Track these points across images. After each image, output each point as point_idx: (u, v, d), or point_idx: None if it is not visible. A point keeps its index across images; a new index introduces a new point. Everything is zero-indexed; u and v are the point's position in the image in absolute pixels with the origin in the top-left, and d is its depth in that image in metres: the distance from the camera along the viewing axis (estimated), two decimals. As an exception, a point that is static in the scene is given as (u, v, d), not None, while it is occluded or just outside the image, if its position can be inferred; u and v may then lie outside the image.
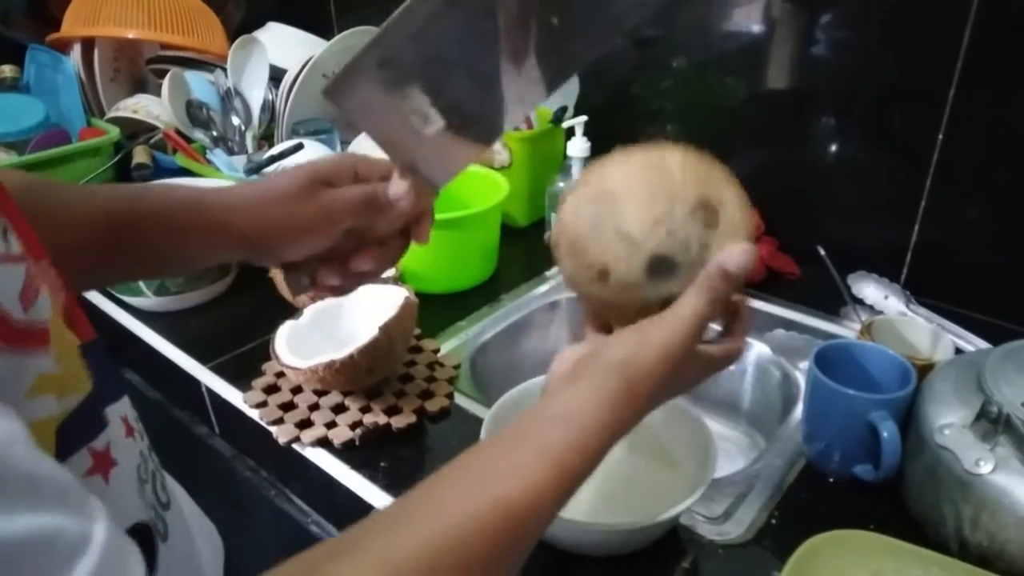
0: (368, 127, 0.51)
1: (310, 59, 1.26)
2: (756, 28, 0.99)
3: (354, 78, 0.47)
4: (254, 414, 0.76)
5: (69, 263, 0.46)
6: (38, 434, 0.33)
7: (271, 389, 0.79)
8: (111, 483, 0.39)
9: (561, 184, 1.08)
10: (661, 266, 0.45)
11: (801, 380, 0.83)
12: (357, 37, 1.29)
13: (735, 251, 0.45)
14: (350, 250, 0.55)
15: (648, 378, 0.44)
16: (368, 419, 0.73)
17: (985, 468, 0.56)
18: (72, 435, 0.36)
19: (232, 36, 1.39)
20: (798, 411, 0.76)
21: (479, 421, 0.65)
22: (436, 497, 0.39)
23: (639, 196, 0.45)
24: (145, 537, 0.43)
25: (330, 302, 0.84)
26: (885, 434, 0.61)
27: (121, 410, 0.45)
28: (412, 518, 0.37)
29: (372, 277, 0.58)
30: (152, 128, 1.34)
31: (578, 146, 1.04)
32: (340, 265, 0.56)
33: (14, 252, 0.34)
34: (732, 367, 0.52)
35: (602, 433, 0.42)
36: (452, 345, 0.89)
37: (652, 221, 0.45)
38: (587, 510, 0.65)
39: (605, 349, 0.46)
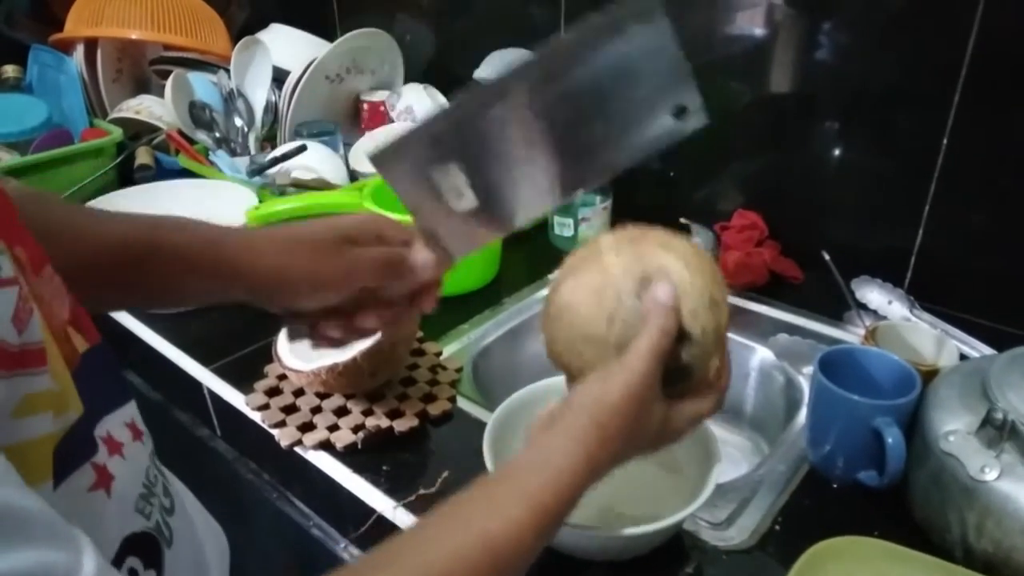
0: (404, 192, 0.53)
1: (313, 60, 1.26)
2: (759, 32, 0.99)
3: (403, 149, 0.51)
4: (256, 417, 0.76)
5: (75, 284, 0.46)
6: (33, 454, 0.33)
7: (273, 392, 0.79)
8: (113, 496, 0.40)
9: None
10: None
11: (805, 385, 0.83)
12: (360, 39, 1.29)
13: (660, 285, 0.49)
14: (355, 307, 0.56)
15: (616, 416, 0.46)
16: (370, 422, 0.73)
17: (990, 475, 0.55)
18: (71, 452, 0.36)
19: (235, 37, 1.39)
20: (802, 416, 0.76)
21: (481, 425, 0.65)
22: (422, 536, 0.42)
23: (588, 302, 0.51)
24: (150, 547, 0.43)
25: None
26: (889, 440, 0.61)
27: (127, 415, 0.45)
28: (400, 554, 0.39)
29: (371, 335, 0.60)
30: (155, 129, 1.34)
31: (581, 149, 1.04)
32: (343, 320, 0.57)
33: (5, 276, 0.34)
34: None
35: (575, 472, 0.44)
36: (454, 348, 0.89)
37: (606, 319, 0.50)
38: (590, 516, 0.65)
39: (575, 395, 0.48)
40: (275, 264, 0.53)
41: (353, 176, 1.23)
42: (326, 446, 0.72)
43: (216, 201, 1.09)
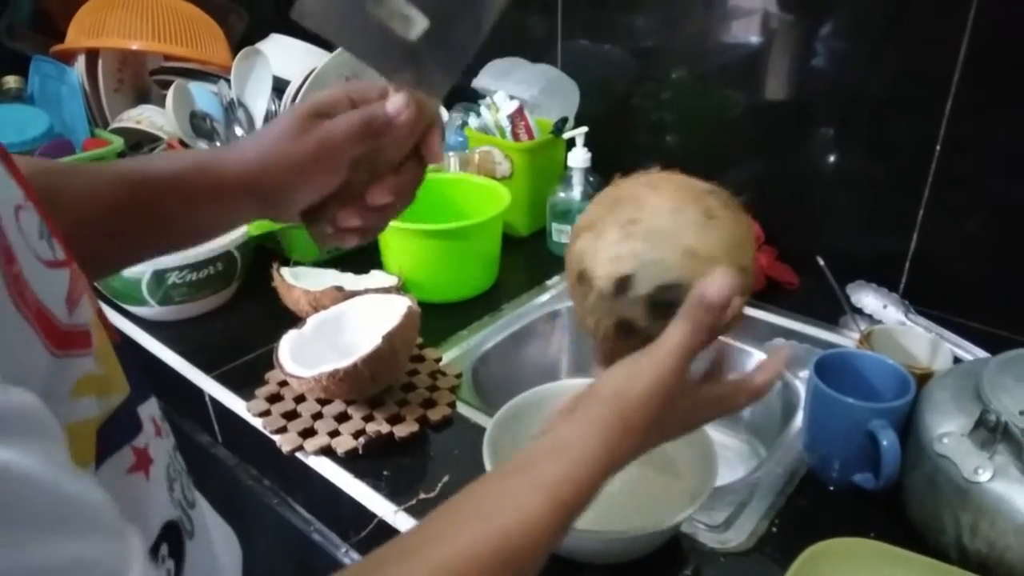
0: (348, 42, 0.48)
1: (313, 70, 1.26)
2: (755, 40, 1.00)
3: None
4: (257, 423, 0.77)
5: (81, 242, 0.46)
6: (79, 435, 0.33)
7: (274, 398, 0.79)
8: (151, 480, 0.40)
9: (562, 194, 1.09)
10: (624, 283, 0.47)
11: (801, 389, 0.83)
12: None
13: (714, 279, 0.45)
14: (365, 185, 0.53)
15: (641, 408, 0.45)
16: (371, 428, 0.74)
17: (984, 476, 0.56)
18: (113, 435, 0.36)
19: (235, 47, 1.40)
20: (798, 420, 0.77)
21: (481, 430, 0.66)
22: (435, 530, 0.40)
23: (568, 270, 0.50)
24: (174, 535, 0.43)
25: (332, 311, 0.84)
26: (884, 443, 0.62)
27: (151, 410, 0.45)
28: (414, 551, 0.38)
29: (394, 212, 0.55)
30: (156, 139, 1.34)
31: (578, 157, 1.05)
32: (359, 203, 0.53)
33: (59, 257, 0.35)
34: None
35: (594, 465, 0.43)
36: (454, 354, 0.90)
37: (608, 259, 0.47)
38: (588, 518, 0.65)
39: (599, 383, 0.46)
40: (256, 165, 0.51)
41: (352, 184, 1.23)
42: (327, 452, 0.73)
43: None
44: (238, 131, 1.28)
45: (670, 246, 0.46)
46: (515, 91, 1.16)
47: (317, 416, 0.76)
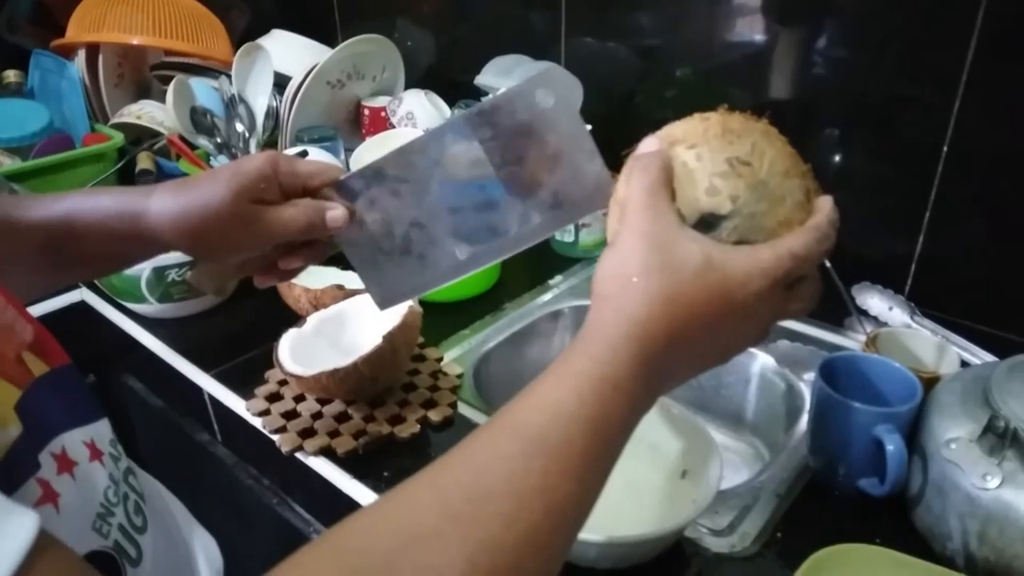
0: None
1: (314, 66, 1.26)
2: (760, 38, 0.99)
3: None
4: (257, 422, 0.76)
5: (11, 272, 0.48)
6: None
7: (274, 397, 0.79)
8: (63, 513, 0.41)
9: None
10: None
11: (806, 391, 0.83)
12: (361, 45, 1.30)
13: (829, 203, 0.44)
14: (280, 251, 0.59)
15: (732, 293, 0.39)
16: (371, 428, 0.73)
17: (992, 483, 0.55)
18: (14, 468, 0.37)
19: (237, 43, 1.39)
20: (803, 423, 0.76)
21: (483, 431, 0.65)
22: (466, 443, 0.38)
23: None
24: (108, 565, 0.43)
25: (333, 310, 0.83)
26: (890, 448, 0.61)
27: (88, 435, 0.46)
28: (448, 458, 0.37)
29: (296, 274, 0.62)
30: (156, 134, 1.34)
31: (582, 155, 1.04)
32: (267, 263, 0.60)
33: None
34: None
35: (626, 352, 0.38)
36: (455, 354, 0.89)
37: (706, 188, 0.44)
38: (590, 523, 0.64)
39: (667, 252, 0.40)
40: (186, 233, 0.55)
41: (354, 181, 1.23)
42: (327, 452, 0.72)
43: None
44: (239, 127, 1.28)
45: (770, 208, 0.43)
46: (518, 88, 1.15)
47: (317, 416, 0.76)
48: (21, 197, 0.59)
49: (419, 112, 1.28)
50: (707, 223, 0.43)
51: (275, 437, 0.74)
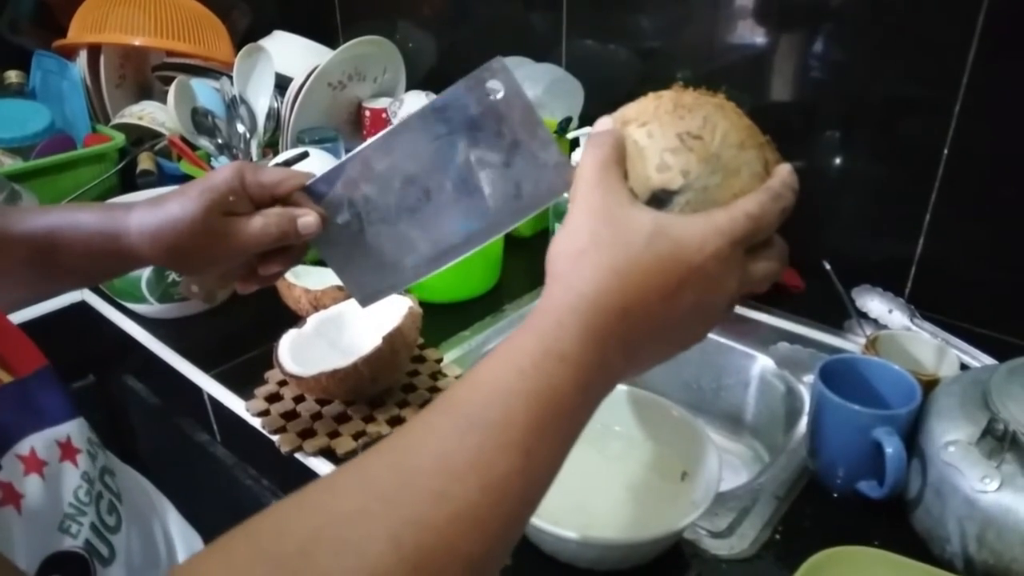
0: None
1: (316, 68, 1.26)
2: (760, 40, 0.99)
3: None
4: (256, 423, 0.76)
5: None
6: None
7: (273, 398, 0.79)
8: (24, 513, 0.41)
9: (565, 195, 1.08)
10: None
11: (805, 394, 0.83)
12: (362, 46, 1.30)
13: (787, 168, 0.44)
14: (258, 258, 0.60)
15: (683, 260, 0.38)
16: (371, 429, 0.73)
17: (991, 485, 0.55)
18: None
19: (238, 44, 1.39)
20: (802, 425, 0.76)
21: (482, 433, 0.65)
22: (400, 428, 0.37)
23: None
24: (77, 565, 0.44)
25: (333, 311, 0.83)
26: (890, 450, 0.61)
27: (63, 433, 0.47)
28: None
29: (279, 278, 0.64)
30: (157, 135, 1.34)
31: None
32: (248, 270, 0.61)
33: None
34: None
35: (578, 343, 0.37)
36: (455, 355, 0.89)
37: (656, 165, 0.43)
38: (589, 524, 0.65)
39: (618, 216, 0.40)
40: (164, 249, 0.56)
41: (355, 183, 1.23)
42: (327, 453, 0.72)
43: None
44: (240, 128, 1.28)
45: (724, 181, 0.42)
46: (519, 90, 1.15)
47: (316, 416, 0.76)
48: (4, 210, 0.60)
49: (420, 113, 1.28)
50: (659, 200, 0.42)
51: (275, 438, 0.74)
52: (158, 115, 1.35)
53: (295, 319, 0.82)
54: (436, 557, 0.30)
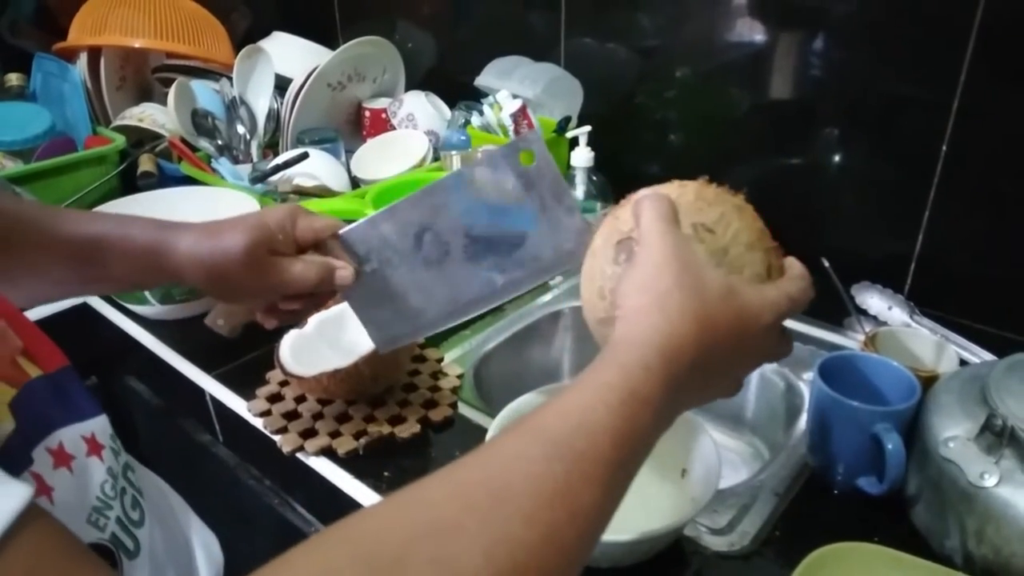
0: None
1: (315, 69, 1.26)
2: (760, 38, 0.99)
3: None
4: (258, 423, 0.76)
5: (24, 278, 0.52)
6: None
7: (275, 398, 0.79)
8: (57, 505, 0.42)
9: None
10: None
11: (805, 391, 0.83)
12: (362, 47, 1.30)
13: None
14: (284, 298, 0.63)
15: (742, 318, 0.42)
16: (372, 428, 0.74)
17: (990, 481, 0.55)
18: (8, 463, 0.38)
19: (238, 45, 1.40)
20: (802, 422, 0.76)
21: (483, 431, 0.65)
22: (484, 447, 0.38)
23: (585, 287, 0.50)
24: (106, 558, 0.45)
25: (334, 310, 0.84)
26: (889, 446, 0.61)
27: (88, 429, 0.47)
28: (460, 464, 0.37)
29: (300, 317, 0.67)
30: (158, 136, 1.34)
31: (582, 156, 1.04)
32: (270, 304, 0.64)
33: None
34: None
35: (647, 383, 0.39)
36: (456, 354, 0.90)
37: (598, 296, 0.48)
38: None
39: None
40: (207, 277, 0.58)
41: (355, 183, 1.23)
42: (328, 452, 0.72)
43: (218, 208, 1.09)
44: (240, 129, 1.28)
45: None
46: (518, 90, 1.16)
47: (318, 416, 0.76)
48: (51, 209, 0.61)
49: (420, 113, 1.28)
50: None
51: (276, 437, 0.74)
52: (158, 117, 1.36)
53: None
54: None
